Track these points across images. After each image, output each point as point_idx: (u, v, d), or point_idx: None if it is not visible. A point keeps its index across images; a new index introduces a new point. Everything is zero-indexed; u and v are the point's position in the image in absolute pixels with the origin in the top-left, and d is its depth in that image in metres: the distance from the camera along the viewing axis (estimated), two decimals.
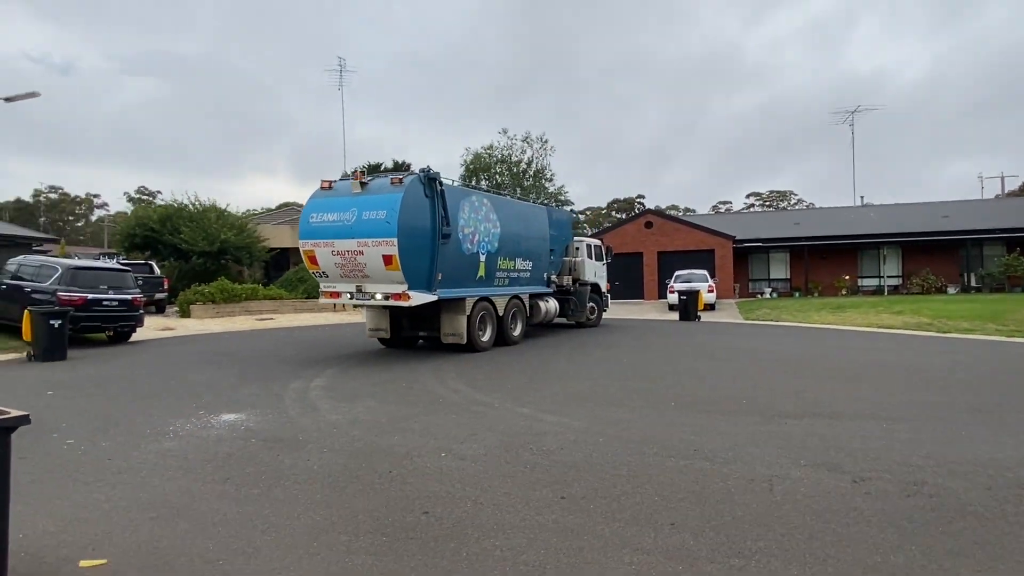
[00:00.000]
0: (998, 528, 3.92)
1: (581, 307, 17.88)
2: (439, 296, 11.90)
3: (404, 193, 11.17)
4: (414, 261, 11.32)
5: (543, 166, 36.69)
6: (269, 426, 6.89)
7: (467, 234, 12.72)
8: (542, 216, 16.26)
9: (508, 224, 14.21)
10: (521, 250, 14.77)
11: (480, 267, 13.19)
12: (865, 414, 7.09)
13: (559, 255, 17.14)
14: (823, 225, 32.33)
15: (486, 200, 13.70)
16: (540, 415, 7.23)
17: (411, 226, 11.21)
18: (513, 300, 14.50)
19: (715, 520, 4.12)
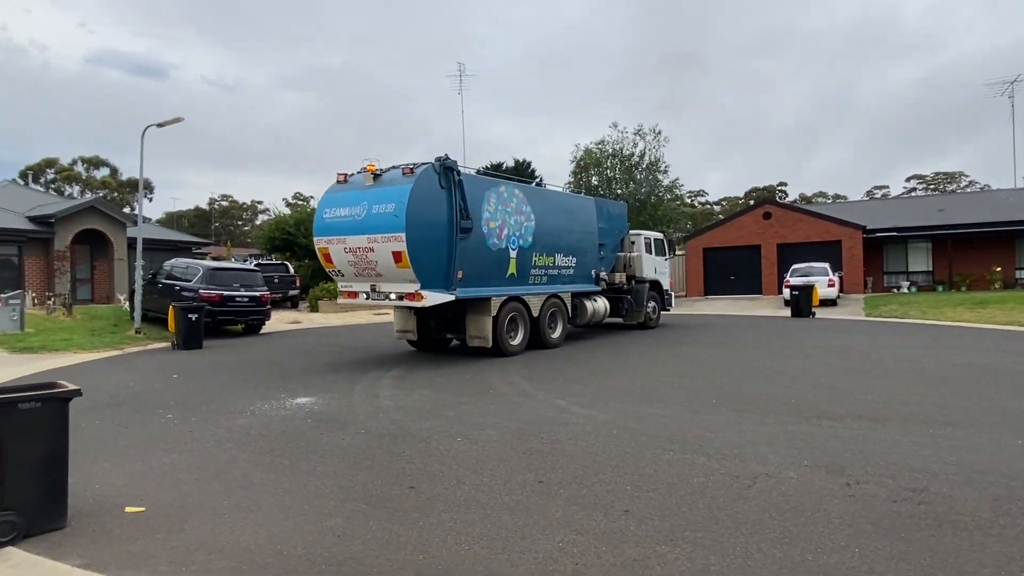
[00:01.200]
0: (971, 539, 3.72)
1: (638, 307, 16.43)
2: (459, 296, 11.11)
3: (414, 184, 10.37)
4: (427, 257, 10.55)
5: (657, 158, 35.96)
6: (329, 409, 7.76)
7: (493, 228, 11.80)
8: (589, 208, 15.05)
9: (546, 217, 13.23)
10: (562, 245, 13.76)
11: (510, 264, 12.28)
12: (918, 418, 6.64)
13: (611, 250, 15.95)
14: (972, 211, 28.87)
15: (517, 191, 12.71)
16: (573, 407, 7.50)
17: (423, 220, 10.41)
18: (551, 300, 13.43)
19: (670, 511, 4.25)
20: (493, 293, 11.85)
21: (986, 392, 7.99)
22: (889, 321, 18.88)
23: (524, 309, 12.66)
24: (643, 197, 36.27)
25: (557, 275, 13.68)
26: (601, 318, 15.24)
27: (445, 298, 10.95)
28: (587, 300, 14.73)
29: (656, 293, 17.44)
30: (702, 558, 3.56)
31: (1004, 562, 3.42)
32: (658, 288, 17.56)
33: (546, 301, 13.25)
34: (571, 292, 14.12)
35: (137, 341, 16.52)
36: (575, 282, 14.32)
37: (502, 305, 11.99)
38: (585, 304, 14.62)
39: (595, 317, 14.95)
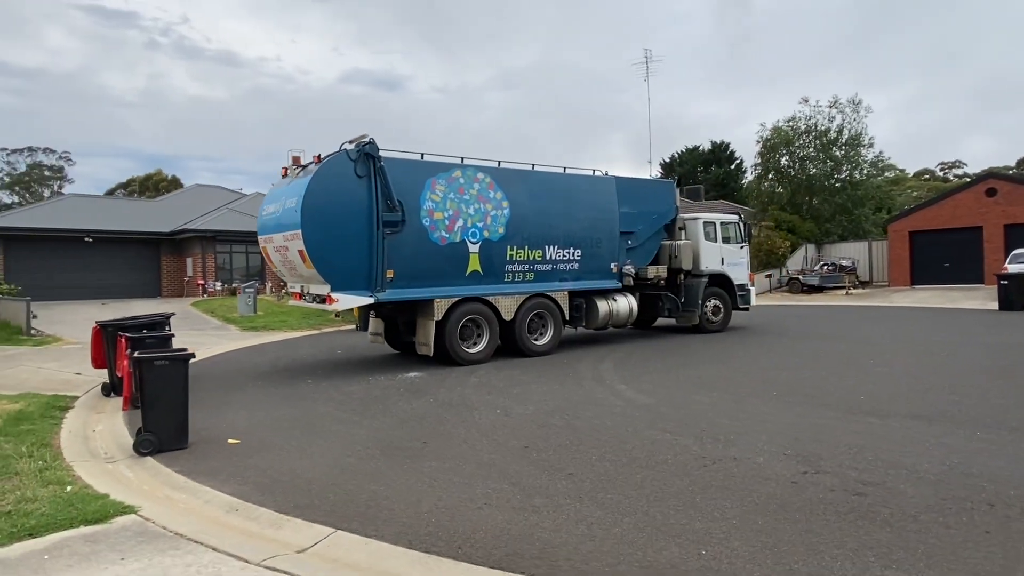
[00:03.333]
0: (899, 535, 3.69)
1: (689, 306, 13.79)
2: (386, 298, 10.00)
3: (313, 176, 9.47)
4: (336, 256, 9.58)
5: (858, 132, 32.40)
6: (424, 382, 9.18)
7: (439, 220, 10.43)
8: (605, 189, 12.76)
9: (528, 203, 11.54)
10: (556, 235, 11.88)
11: (470, 260, 10.80)
12: (969, 420, 6.08)
13: (646, 238, 13.40)
14: None
15: (481, 175, 11.03)
16: (627, 392, 8.02)
17: (328, 214, 9.48)
18: (534, 300, 11.58)
19: (608, 478, 4.83)
20: (438, 294, 10.46)
21: None
22: None
23: (491, 312, 11.08)
24: (844, 176, 33.15)
25: (551, 271, 11.87)
26: (624, 320, 12.98)
27: (363, 301, 10.00)
28: (601, 299, 12.60)
29: (721, 289, 14.45)
30: (588, 511, 4.17)
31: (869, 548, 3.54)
32: (725, 283, 14.52)
33: (525, 302, 11.47)
34: (570, 290, 12.17)
35: (335, 323, 19.84)
36: (581, 278, 12.33)
37: (452, 307, 10.59)
38: (598, 304, 12.49)
39: (614, 319, 12.74)
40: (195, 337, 16.26)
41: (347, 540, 3.89)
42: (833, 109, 32.56)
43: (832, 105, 32.56)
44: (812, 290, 26.70)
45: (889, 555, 3.44)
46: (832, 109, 32.58)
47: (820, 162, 32.94)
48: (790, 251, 29.53)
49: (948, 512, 3.98)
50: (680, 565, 3.41)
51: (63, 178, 63.41)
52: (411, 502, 4.44)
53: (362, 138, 9.78)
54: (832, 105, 32.56)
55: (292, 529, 4.09)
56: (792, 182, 32.84)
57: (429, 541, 3.80)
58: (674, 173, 59.39)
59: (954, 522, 3.83)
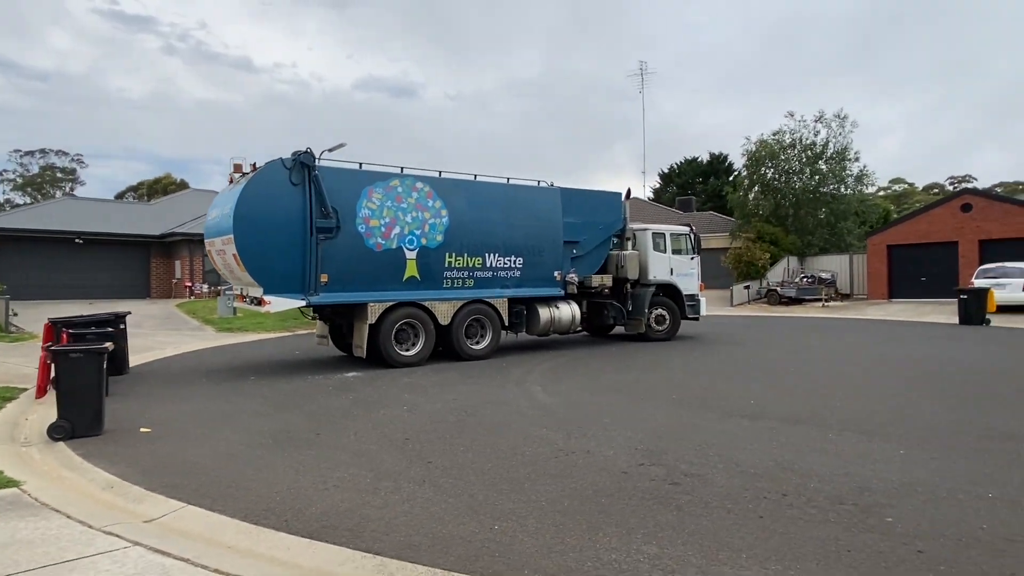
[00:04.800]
0: (681, 518, 4.09)
1: (636, 315, 14.06)
2: (318, 301, 10.43)
3: (247, 183, 9.93)
4: (268, 261, 9.94)
5: (844, 146, 32.65)
6: (357, 381, 9.62)
7: (376, 227, 10.78)
8: (549, 200, 13.08)
9: (469, 211, 11.89)
10: (497, 243, 12.21)
11: (407, 266, 11.16)
12: (817, 421, 6.45)
13: (594, 247, 13.75)
14: None
15: (420, 184, 11.39)
16: (538, 394, 8.44)
17: (259, 220, 9.86)
18: (472, 306, 11.94)
19: (464, 467, 5.25)
20: (372, 298, 10.82)
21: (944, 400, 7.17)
22: None
23: (427, 316, 11.42)
24: (829, 190, 33.42)
25: (491, 278, 12.22)
26: (566, 327, 13.33)
27: (295, 304, 10.35)
28: (543, 306, 12.94)
29: (669, 299, 14.75)
30: (422, 493, 4.59)
31: (645, 527, 3.94)
32: (674, 293, 14.86)
33: (463, 308, 11.82)
34: (510, 297, 12.48)
35: (311, 326, 20.33)
36: (523, 285, 12.65)
37: (387, 311, 10.92)
38: (539, 311, 12.82)
39: (556, 326, 13.09)
40: (169, 337, 16.81)
41: (193, 513, 4.33)
42: (819, 123, 32.88)
43: (818, 119, 32.90)
44: (790, 302, 26.97)
45: (657, 533, 3.84)
46: (818, 123, 32.90)
47: (805, 175, 33.22)
48: (770, 263, 29.80)
49: (740, 500, 4.37)
50: (468, 537, 3.83)
51: (75, 180, 64.62)
52: (269, 484, 4.87)
53: (301, 150, 10.21)
54: (818, 119, 32.90)
55: (151, 503, 4.53)
56: (776, 194, 33.14)
57: (264, 516, 4.23)
58: (672, 184, 60.05)
59: (738, 508, 4.23)
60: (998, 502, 4.25)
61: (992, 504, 4.22)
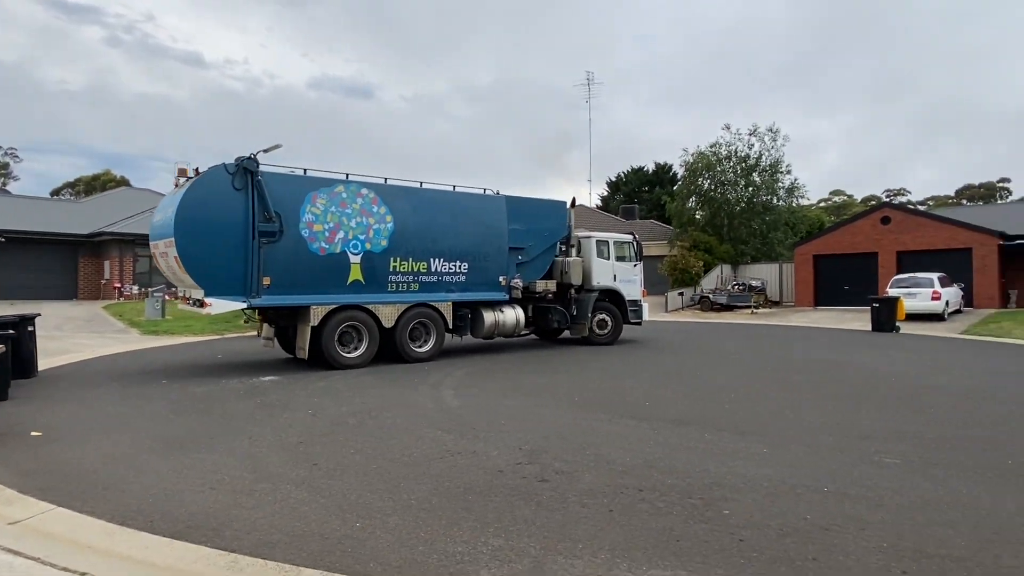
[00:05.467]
0: (537, 512, 4.37)
1: (580, 319, 14.60)
2: (260, 304, 10.66)
3: (188, 188, 10.26)
4: (209, 263, 10.20)
5: (776, 159, 34.04)
6: (272, 385, 9.61)
7: (319, 232, 11.07)
8: (495, 208, 13.52)
9: (414, 218, 12.22)
10: (442, 249, 12.59)
11: (351, 270, 11.46)
12: (703, 421, 6.85)
13: (539, 253, 14.22)
14: None
15: (365, 190, 11.67)
16: (448, 397, 8.63)
17: (201, 224, 10.12)
18: (416, 309, 12.24)
19: (348, 469, 5.39)
20: (315, 301, 11.06)
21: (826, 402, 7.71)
22: (979, 340, 16.89)
23: (371, 319, 11.69)
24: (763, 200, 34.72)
25: (436, 282, 12.61)
26: (510, 331, 13.76)
27: (236, 306, 10.61)
28: (488, 310, 13.36)
29: (612, 305, 15.30)
30: (297, 494, 4.71)
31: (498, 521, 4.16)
32: (617, 299, 15.39)
33: (407, 311, 12.11)
34: (455, 301, 12.86)
35: (243, 329, 20.02)
36: (468, 290, 13.06)
37: (330, 314, 11.17)
38: (483, 315, 13.24)
39: (500, 329, 13.51)
40: (90, 339, 16.32)
41: (60, 515, 4.35)
42: (753, 137, 34.14)
43: (752, 133, 34.16)
44: (722, 308, 27.88)
45: (509, 527, 4.07)
46: (752, 137, 34.16)
47: (740, 187, 34.43)
48: (704, 270, 30.76)
49: (599, 495, 4.65)
50: (328, 534, 3.98)
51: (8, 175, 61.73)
52: (146, 486, 4.91)
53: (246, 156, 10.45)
54: (752, 133, 34.16)
55: (21, 506, 4.52)
56: (712, 205, 34.24)
57: (132, 517, 4.28)
58: (619, 192, 61.17)
59: (594, 503, 4.50)
60: (830, 496, 4.64)
61: (824, 497, 4.61)
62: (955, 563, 3.54)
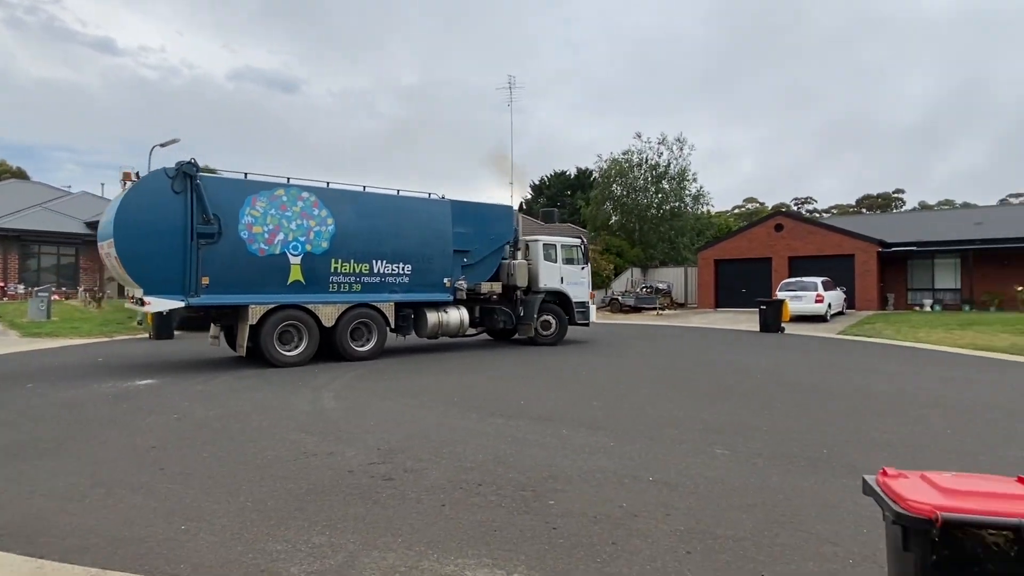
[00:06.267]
0: (370, 509, 4.52)
1: (526, 320, 15.01)
2: (198, 303, 10.99)
3: (128, 191, 10.65)
4: (146, 264, 10.57)
5: (683, 168, 35.59)
6: (146, 390, 9.30)
7: (259, 233, 11.43)
8: (437, 210, 13.93)
9: (356, 220, 12.59)
10: (385, 251, 12.95)
11: (291, 271, 11.80)
12: (569, 419, 7.20)
13: (485, 256, 14.68)
14: (1013, 225, 26.62)
15: (306, 194, 12.02)
16: (326, 399, 8.62)
17: (140, 226, 10.48)
18: (358, 309, 12.60)
19: (196, 473, 5.34)
20: (253, 300, 11.40)
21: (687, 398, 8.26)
22: (852, 339, 18.23)
23: (310, 318, 12.02)
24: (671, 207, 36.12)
25: (379, 283, 12.95)
26: (454, 331, 14.13)
27: (174, 305, 10.86)
28: (432, 311, 13.75)
29: (558, 306, 15.73)
30: (132, 498, 4.66)
31: (328, 519, 4.26)
32: (563, 300, 15.84)
33: (348, 311, 12.45)
34: (397, 302, 13.20)
35: (135, 331, 19.14)
36: (412, 291, 13.42)
37: (268, 313, 11.52)
38: (427, 315, 13.62)
39: (444, 329, 13.90)
40: None
41: None
42: (662, 146, 35.50)
43: (661, 142, 35.51)
44: (630, 310, 28.87)
45: (337, 525, 4.18)
46: (661, 145, 35.51)
47: (650, 193, 35.72)
48: (614, 274, 31.75)
49: (438, 491, 4.83)
50: (148, 538, 3.97)
51: None
52: None
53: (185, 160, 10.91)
54: (661, 142, 35.51)
55: None
56: (624, 210, 35.38)
57: None
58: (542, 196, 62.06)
59: (429, 499, 4.67)
60: (653, 485, 5.00)
61: (647, 486, 4.96)
62: (736, 542, 3.92)
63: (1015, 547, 1.60)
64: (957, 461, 5.67)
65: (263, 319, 11.48)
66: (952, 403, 8.44)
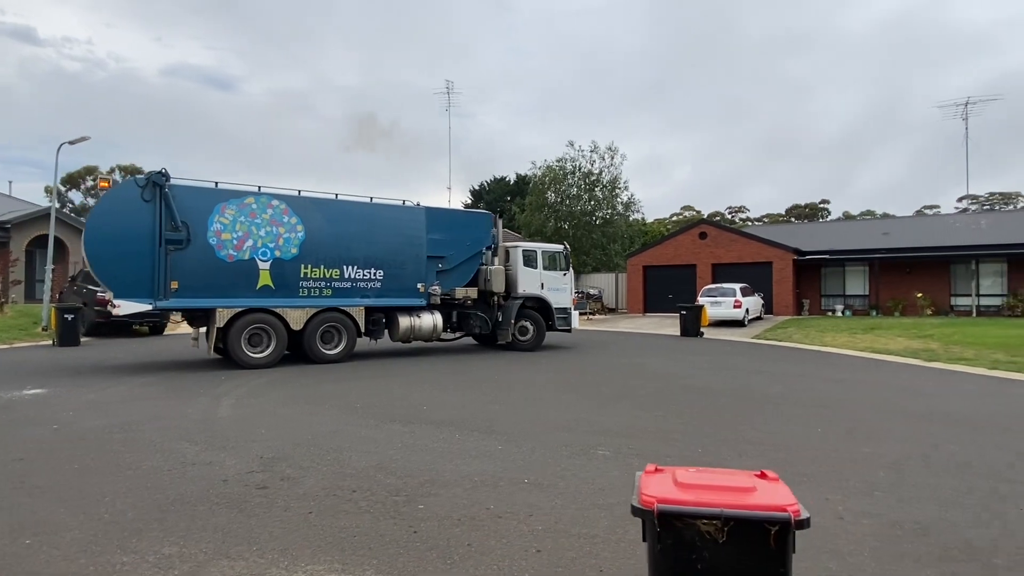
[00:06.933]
0: (233, 518, 4.46)
1: (504, 325, 15.23)
2: (166, 306, 11.66)
3: (100, 200, 11.29)
4: (115, 269, 11.11)
5: (615, 176, 36.41)
6: (31, 400, 8.87)
7: (227, 240, 11.92)
8: (411, 217, 14.26)
9: (327, 227, 13.01)
10: (356, 257, 13.35)
11: (260, 276, 12.25)
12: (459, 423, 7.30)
13: (461, 262, 14.93)
14: (917, 235, 28.47)
15: (276, 202, 12.48)
16: (224, 408, 8.44)
17: (109, 233, 11.02)
18: (327, 313, 13.00)
19: (62, 484, 5.15)
20: (222, 304, 11.88)
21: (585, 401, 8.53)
22: (764, 343, 19.06)
23: (279, 322, 12.42)
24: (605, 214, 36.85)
25: (350, 288, 13.33)
26: (427, 335, 14.36)
27: (142, 307, 11.35)
28: (404, 315, 14.05)
29: (537, 312, 15.87)
30: None
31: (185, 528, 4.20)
32: (543, 307, 15.98)
33: (317, 315, 12.86)
34: (367, 306, 13.55)
35: (39, 337, 18.18)
36: (384, 295, 13.78)
37: (236, 316, 11.96)
38: (399, 320, 13.95)
39: (416, 334, 14.18)
40: None
41: None
42: (594, 154, 36.21)
43: (593, 151, 36.22)
44: None
45: (193, 535, 4.11)
46: (593, 154, 36.22)
47: (583, 200, 36.36)
48: None
49: (310, 499, 4.81)
50: None
51: None
52: None
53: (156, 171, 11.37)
54: (593, 151, 36.22)
55: None
56: (557, 216, 35.89)
57: None
58: (482, 201, 62.20)
59: (298, 507, 4.66)
60: (526, 486, 5.13)
61: (520, 488, 5.08)
62: (587, 540, 4.08)
63: (722, 535, 1.78)
64: (812, 457, 6.05)
65: (231, 322, 11.94)
66: (833, 403, 8.96)
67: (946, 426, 7.52)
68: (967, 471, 5.63)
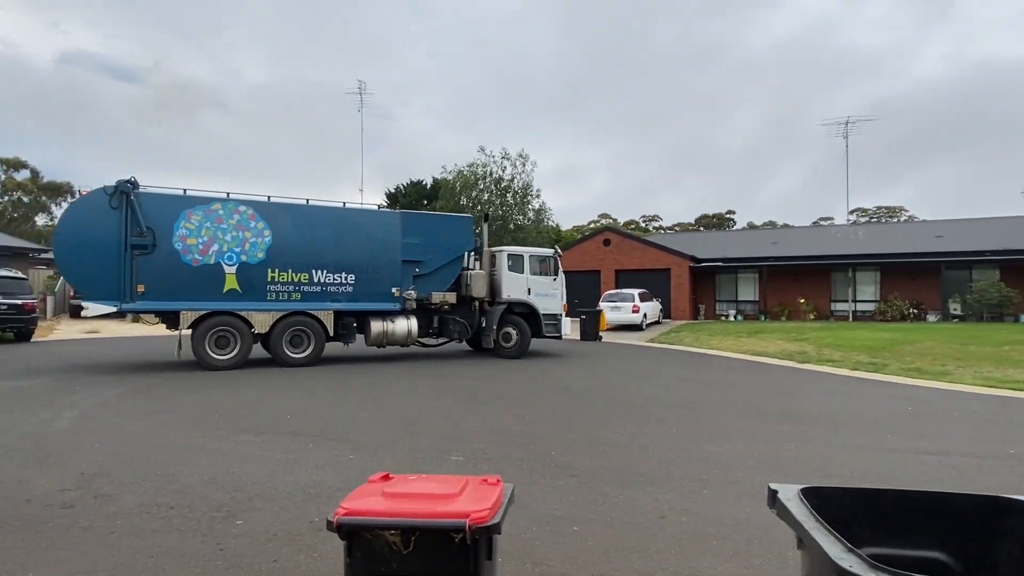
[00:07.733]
0: (28, 539, 4.11)
1: (487, 331, 14.84)
2: (131, 308, 12.05)
3: (68, 208, 12.03)
4: (82, 272, 11.66)
5: (527, 183, 36.87)
6: None
7: (193, 245, 12.26)
8: (385, 222, 14.30)
9: (295, 232, 13.14)
10: (326, 261, 13.41)
11: (227, 279, 12.50)
12: (315, 434, 7.12)
13: (440, 266, 14.66)
14: (803, 245, 30.40)
15: (243, 207, 12.72)
16: (67, 420, 7.83)
17: (76, 239, 11.55)
18: (295, 317, 13.09)
19: None
20: (187, 307, 12.29)
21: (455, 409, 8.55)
22: (657, 347, 19.70)
23: (244, 325, 12.64)
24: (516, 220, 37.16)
25: (320, 292, 13.35)
26: (401, 339, 14.11)
27: (109, 310, 11.79)
28: (377, 319, 13.89)
29: (521, 318, 15.32)
30: None
31: None
32: (529, 313, 15.50)
33: (283, 318, 12.95)
34: (337, 310, 13.51)
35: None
36: (357, 300, 13.71)
37: (200, 319, 12.36)
38: (372, 324, 13.80)
39: (390, 338, 13.97)
40: None
41: None
42: (505, 160, 36.48)
43: (504, 157, 36.49)
44: None
45: None
46: (504, 160, 36.48)
47: (495, 206, 36.52)
48: None
49: (119, 518, 4.49)
50: None
51: None
52: None
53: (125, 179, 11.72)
54: (504, 157, 36.49)
55: None
56: None
57: None
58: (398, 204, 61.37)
59: (100, 526, 4.33)
60: None
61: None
62: None
63: (408, 545, 1.76)
64: (659, 457, 6.24)
65: (195, 324, 12.33)
66: (698, 405, 9.33)
67: (793, 425, 7.97)
68: (791, 471, 5.97)
